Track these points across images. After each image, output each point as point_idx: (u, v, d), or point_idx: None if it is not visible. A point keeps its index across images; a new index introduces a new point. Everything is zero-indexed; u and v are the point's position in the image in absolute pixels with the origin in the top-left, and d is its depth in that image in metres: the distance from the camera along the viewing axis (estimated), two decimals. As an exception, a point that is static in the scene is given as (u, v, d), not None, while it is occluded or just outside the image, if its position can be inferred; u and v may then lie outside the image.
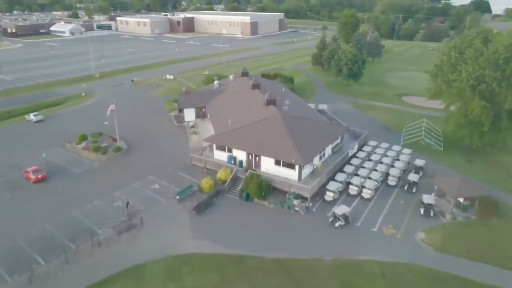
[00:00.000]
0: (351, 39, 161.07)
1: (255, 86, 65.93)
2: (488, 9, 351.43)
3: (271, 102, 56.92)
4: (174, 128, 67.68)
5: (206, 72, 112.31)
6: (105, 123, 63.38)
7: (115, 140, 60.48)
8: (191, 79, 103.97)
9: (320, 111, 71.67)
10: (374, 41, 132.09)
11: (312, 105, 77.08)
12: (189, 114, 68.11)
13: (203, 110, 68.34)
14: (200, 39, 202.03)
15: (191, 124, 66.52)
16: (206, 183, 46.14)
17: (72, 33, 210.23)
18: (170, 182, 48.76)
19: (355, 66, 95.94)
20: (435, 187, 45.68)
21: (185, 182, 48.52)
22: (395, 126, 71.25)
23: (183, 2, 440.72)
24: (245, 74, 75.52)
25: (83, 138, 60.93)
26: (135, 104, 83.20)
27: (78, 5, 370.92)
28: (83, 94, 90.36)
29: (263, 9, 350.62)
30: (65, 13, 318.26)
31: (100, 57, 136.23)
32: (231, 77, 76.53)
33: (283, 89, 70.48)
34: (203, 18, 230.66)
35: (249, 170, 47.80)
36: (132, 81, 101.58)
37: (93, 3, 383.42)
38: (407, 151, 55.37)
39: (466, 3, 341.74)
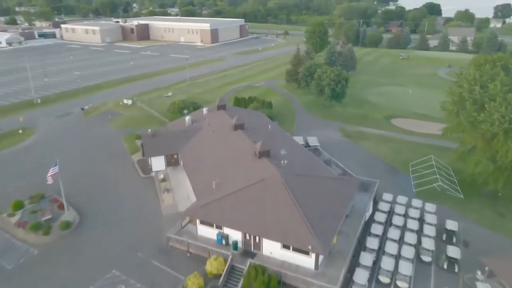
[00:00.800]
0: (323, 50, 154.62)
1: (238, 127, 54.19)
2: (439, 12, 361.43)
3: (264, 153, 45.47)
4: (139, 182, 54.15)
5: (170, 94, 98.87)
6: (48, 182, 48.73)
7: (61, 207, 46.29)
8: (153, 104, 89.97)
9: (312, 149, 61.26)
10: (348, 53, 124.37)
11: (300, 138, 66.90)
12: (158, 163, 54.96)
13: (175, 156, 55.60)
14: (157, 48, 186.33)
15: (161, 176, 53.51)
16: (193, 283, 33.83)
17: (9, 43, 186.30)
18: (142, 281, 35.78)
19: (338, 87, 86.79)
20: (486, 269, 36.50)
21: (163, 279, 35.91)
22: (398, 163, 62.36)
23: (134, 5, 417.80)
24: (221, 107, 63.46)
25: (18, 206, 46.23)
26: (87, 142, 68.35)
27: (17, 9, 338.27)
28: (20, 131, 73.77)
29: (219, 13, 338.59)
30: (1, 19, 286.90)
31: (42, 75, 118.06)
32: (204, 110, 64.13)
33: (269, 126, 59.19)
34: (159, 25, 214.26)
35: (250, 260, 36.02)
36: (82, 109, 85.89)
37: (35, 6, 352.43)
38: (431, 207, 46.08)
39: (418, 6, 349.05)
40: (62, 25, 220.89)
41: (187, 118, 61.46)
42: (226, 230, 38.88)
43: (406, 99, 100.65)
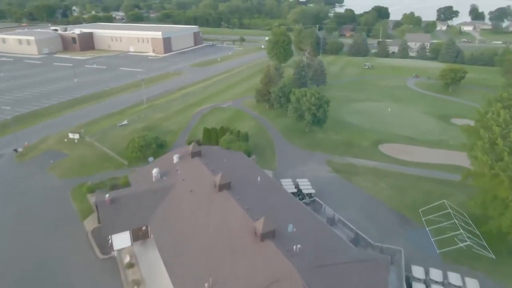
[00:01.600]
0: (287, 60, 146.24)
1: (224, 187, 42.83)
2: (387, 15, 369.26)
3: (268, 235, 34.59)
4: (97, 268, 40.95)
5: (125, 122, 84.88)
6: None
7: (-15, 328, 32.52)
8: (106, 138, 75.56)
9: (309, 202, 51.46)
10: (318, 66, 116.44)
11: (288, 181, 57.13)
12: (121, 239, 42.08)
13: (144, 228, 43.10)
14: (103, 60, 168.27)
15: (127, 258, 40.78)
16: None
17: None
18: None
19: (319, 111, 77.71)
20: None
21: None
22: (405, 209, 54.21)
23: (74, 8, 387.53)
24: (196, 153, 51.63)
25: None
26: (22, 203, 53.43)
27: None
28: None
29: (168, 17, 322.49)
30: None
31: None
32: (175, 158, 51.87)
33: (258, 178, 48.30)
34: (105, 33, 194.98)
35: None
36: (16, 150, 69.72)
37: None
38: (474, 285, 37.72)
39: (367, 10, 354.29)
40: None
41: (155, 171, 48.91)
42: None
43: (386, 118, 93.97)
